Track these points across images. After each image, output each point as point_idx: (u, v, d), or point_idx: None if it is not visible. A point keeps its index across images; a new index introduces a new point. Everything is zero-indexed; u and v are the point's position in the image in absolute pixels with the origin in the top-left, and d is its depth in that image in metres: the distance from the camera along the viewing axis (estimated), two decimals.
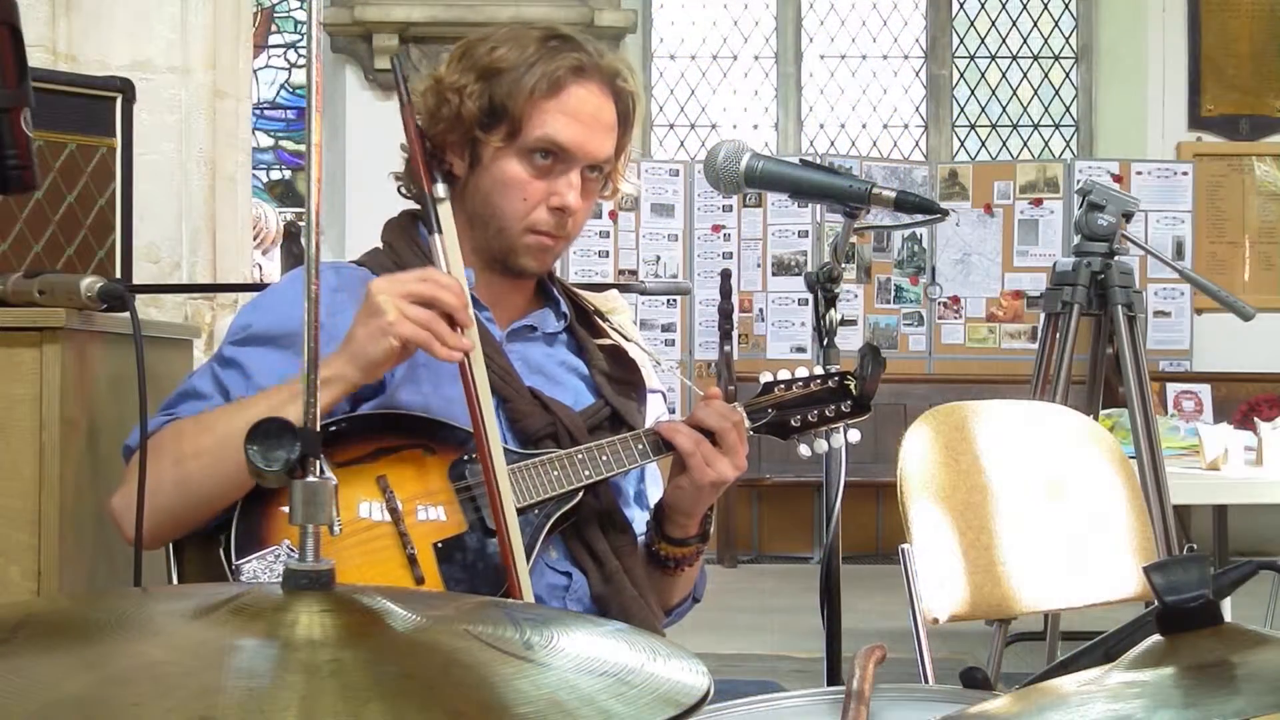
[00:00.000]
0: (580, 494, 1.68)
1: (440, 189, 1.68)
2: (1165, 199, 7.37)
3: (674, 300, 7.32)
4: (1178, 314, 7.44)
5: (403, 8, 7.38)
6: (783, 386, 1.76)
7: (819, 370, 1.77)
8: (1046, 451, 2.25)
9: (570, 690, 0.80)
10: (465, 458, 1.65)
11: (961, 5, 8.33)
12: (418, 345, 1.55)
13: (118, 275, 2.11)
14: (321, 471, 0.89)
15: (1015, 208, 7.49)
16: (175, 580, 1.65)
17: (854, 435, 1.76)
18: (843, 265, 1.68)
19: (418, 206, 1.83)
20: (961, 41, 8.34)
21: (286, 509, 0.90)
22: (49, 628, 0.85)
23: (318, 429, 0.90)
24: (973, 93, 8.35)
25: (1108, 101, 8.13)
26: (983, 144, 8.33)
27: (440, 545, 1.61)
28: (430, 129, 1.74)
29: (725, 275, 6.89)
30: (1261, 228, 7.63)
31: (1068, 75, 8.29)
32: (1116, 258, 3.41)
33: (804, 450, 1.76)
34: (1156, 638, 0.93)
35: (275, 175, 8.33)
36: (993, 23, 8.33)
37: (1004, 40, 8.33)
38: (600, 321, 1.89)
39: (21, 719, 0.71)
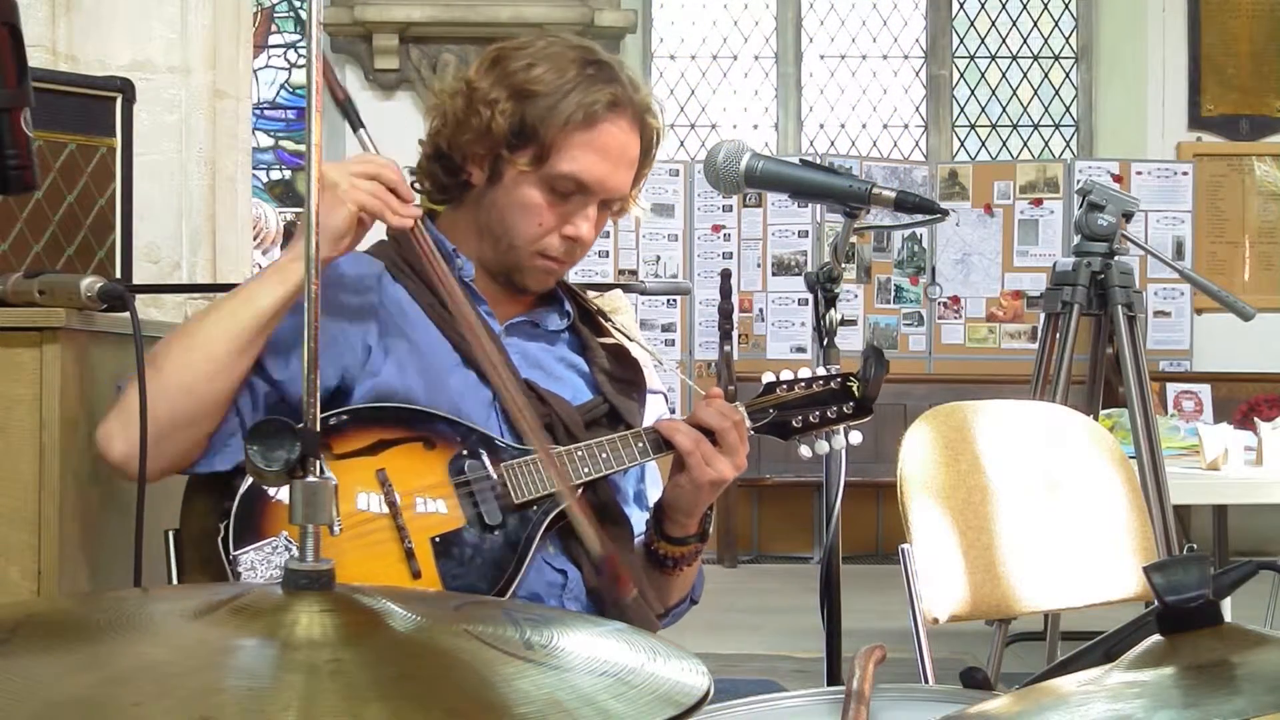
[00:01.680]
0: (579, 491, 1.68)
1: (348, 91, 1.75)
2: (1165, 199, 7.37)
3: (674, 300, 7.32)
4: (1178, 314, 7.44)
5: (403, 8, 7.39)
6: (785, 387, 1.76)
7: (821, 371, 1.77)
8: (1046, 451, 2.25)
9: (570, 690, 0.81)
10: (465, 452, 1.66)
11: (961, 5, 8.33)
12: (371, 212, 1.61)
13: (118, 275, 2.11)
14: (321, 471, 0.89)
15: (1015, 208, 7.49)
16: (175, 573, 1.66)
17: (855, 437, 1.76)
18: (843, 265, 1.68)
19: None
20: (961, 41, 8.34)
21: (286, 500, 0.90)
22: (49, 628, 0.85)
23: (317, 429, 0.90)
24: (973, 93, 8.35)
25: (1108, 101, 8.13)
26: (983, 144, 8.33)
27: (438, 540, 1.62)
28: (456, 135, 1.75)
29: (725, 275, 6.88)
30: (1261, 228, 7.63)
31: (1068, 75, 8.29)
32: (1116, 258, 3.41)
33: (805, 451, 1.76)
34: (1156, 638, 0.93)
35: (275, 175, 8.33)
36: (993, 23, 8.33)
37: (1004, 40, 8.33)
38: (603, 321, 1.90)
39: (21, 719, 0.71)
